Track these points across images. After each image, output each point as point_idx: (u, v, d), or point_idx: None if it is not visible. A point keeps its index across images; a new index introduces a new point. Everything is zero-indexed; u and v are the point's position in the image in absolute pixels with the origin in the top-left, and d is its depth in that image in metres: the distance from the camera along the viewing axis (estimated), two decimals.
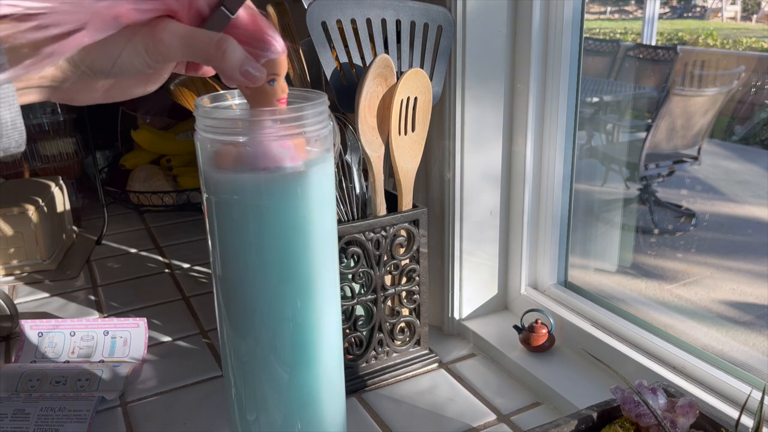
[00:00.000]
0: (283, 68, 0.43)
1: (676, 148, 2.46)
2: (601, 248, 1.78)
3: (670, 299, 1.79)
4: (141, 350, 0.84)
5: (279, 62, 0.42)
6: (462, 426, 0.70)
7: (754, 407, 0.55)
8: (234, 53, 0.39)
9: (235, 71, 0.40)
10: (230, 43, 0.39)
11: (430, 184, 0.86)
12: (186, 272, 1.11)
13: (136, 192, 1.34)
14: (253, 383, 0.51)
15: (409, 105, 0.72)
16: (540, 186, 0.84)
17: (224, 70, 0.40)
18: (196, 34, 0.38)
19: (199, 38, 0.38)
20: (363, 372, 0.77)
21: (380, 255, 0.73)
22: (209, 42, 0.38)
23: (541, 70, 0.80)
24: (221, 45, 0.39)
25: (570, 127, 0.81)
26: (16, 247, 1.10)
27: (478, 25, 0.77)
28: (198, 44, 0.38)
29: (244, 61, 0.40)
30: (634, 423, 0.53)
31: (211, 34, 0.39)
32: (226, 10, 0.39)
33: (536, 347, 0.79)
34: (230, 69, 0.40)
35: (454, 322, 0.87)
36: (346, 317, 0.74)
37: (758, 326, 1.65)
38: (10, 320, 0.89)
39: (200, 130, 0.47)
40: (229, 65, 0.39)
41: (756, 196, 2.44)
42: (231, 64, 0.39)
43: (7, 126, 0.36)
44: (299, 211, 0.47)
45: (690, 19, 3.85)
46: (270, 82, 0.43)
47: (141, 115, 1.46)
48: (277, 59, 0.42)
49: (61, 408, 0.72)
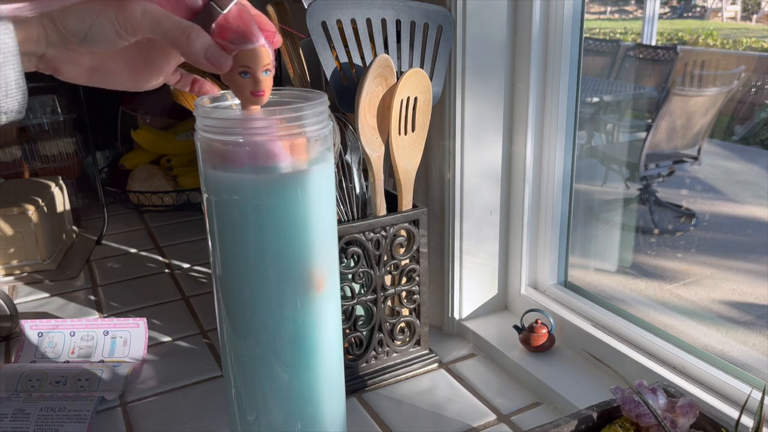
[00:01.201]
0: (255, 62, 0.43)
1: (676, 148, 2.46)
2: (601, 248, 1.78)
3: (670, 299, 1.79)
4: (141, 350, 0.84)
5: (252, 53, 0.43)
6: (462, 426, 0.70)
7: (754, 407, 0.55)
8: (198, 39, 0.42)
9: (199, 56, 0.42)
10: (195, 29, 0.42)
11: (430, 184, 0.86)
12: (186, 272, 1.11)
13: (136, 192, 1.34)
14: (253, 383, 0.51)
15: (409, 105, 0.72)
16: (540, 186, 0.84)
17: (189, 54, 0.42)
18: (166, 17, 0.41)
19: (168, 21, 0.41)
20: (363, 372, 0.77)
21: (380, 255, 0.73)
22: (177, 26, 0.41)
23: (541, 70, 0.80)
24: (187, 30, 0.41)
25: (570, 127, 0.81)
26: (16, 247, 1.10)
27: (478, 25, 0.77)
28: (166, 25, 0.41)
29: (208, 47, 0.42)
30: (634, 423, 0.53)
31: (179, 21, 0.42)
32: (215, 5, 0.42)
33: (536, 347, 0.79)
34: (195, 53, 0.42)
35: (454, 322, 0.87)
36: (346, 317, 0.74)
37: (758, 326, 1.65)
38: (10, 320, 0.89)
39: (200, 130, 0.47)
40: (193, 50, 0.42)
41: (756, 196, 2.44)
42: (195, 49, 0.42)
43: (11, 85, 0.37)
44: (299, 211, 0.47)
45: (690, 19, 3.85)
46: (242, 74, 0.43)
47: (141, 115, 1.46)
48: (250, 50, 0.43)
49: (61, 408, 0.72)
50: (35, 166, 1.40)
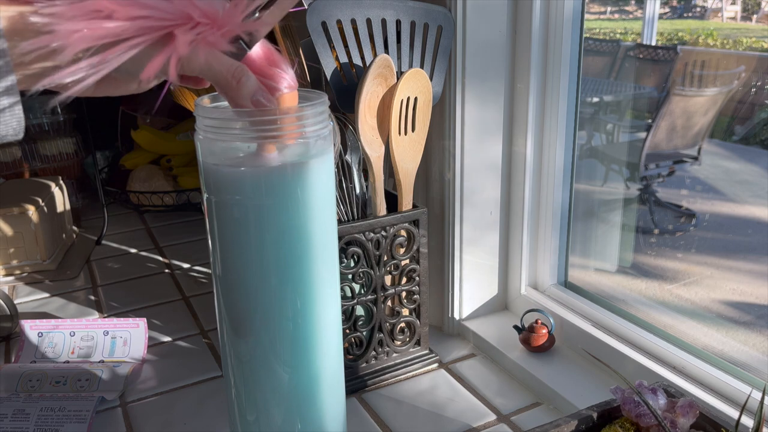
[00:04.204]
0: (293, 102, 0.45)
1: (677, 148, 2.46)
2: (601, 248, 1.78)
3: (670, 299, 1.79)
4: (141, 350, 0.84)
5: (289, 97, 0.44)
6: (462, 426, 0.70)
7: (754, 407, 0.55)
8: (248, 83, 0.42)
9: (246, 100, 0.42)
10: (246, 73, 0.41)
11: (430, 184, 0.86)
12: (186, 272, 1.11)
13: (136, 192, 1.34)
14: (253, 383, 0.51)
15: (409, 105, 0.72)
16: (540, 186, 0.84)
17: (236, 98, 0.42)
18: (219, 58, 0.40)
19: (220, 62, 0.41)
20: (363, 372, 0.77)
21: (380, 255, 0.73)
22: (228, 68, 0.41)
23: (541, 70, 0.80)
24: (238, 74, 0.41)
25: (570, 127, 0.81)
26: (16, 247, 1.10)
27: (478, 25, 0.77)
28: (218, 67, 0.41)
29: (257, 92, 0.42)
30: (634, 423, 0.53)
31: (231, 62, 0.41)
32: (244, 44, 0.41)
33: (536, 347, 0.79)
34: (242, 98, 0.42)
35: (454, 322, 0.87)
36: (346, 317, 0.74)
37: (758, 326, 1.65)
38: (10, 320, 0.89)
39: (200, 130, 0.47)
40: (242, 93, 0.42)
41: (756, 196, 2.44)
42: (244, 93, 0.42)
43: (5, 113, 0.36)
44: (299, 211, 0.47)
45: (690, 19, 3.85)
46: None
47: (141, 115, 1.46)
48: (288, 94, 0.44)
49: (61, 408, 0.72)
50: (35, 166, 1.40)
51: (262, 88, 0.42)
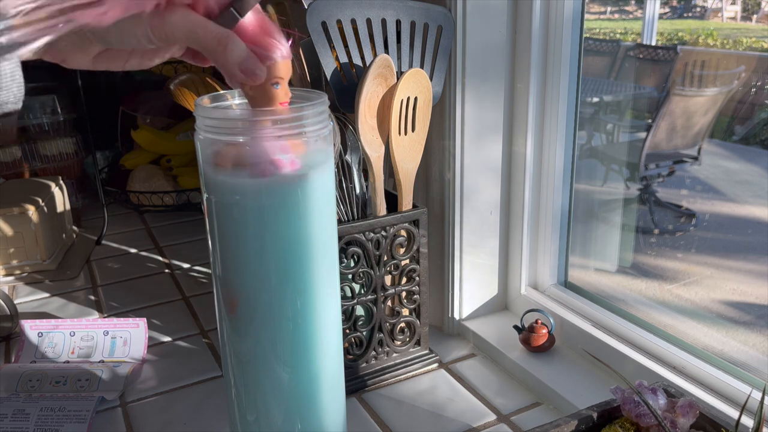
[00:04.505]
0: (287, 72, 0.43)
1: (677, 148, 2.46)
2: (601, 248, 1.78)
3: (670, 299, 1.79)
4: (141, 350, 0.84)
5: (283, 66, 0.43)
6: (462, 426, 0.70)
7: (754, 407, 0.55)
8: (235, 50, 0.40)
9: (235, 67, 0.40)
10: (233, 39, 0.40)
11: (430, 184, 0.86)
12: (186, 272, 1.11)
13: (136, 192, 1.34)
14: (253, 383, 0.51)
15: (409, 105, 0.72)
16: (540, 186, 0.84)
17: (224, 65, 0.40)
18: (204, 24, 0.39)
19: (205, 28, 0.39)
20: (363, 372, 0.77)
21: (380, 255, 0.73)
22: (214, 35, 0.39)
23: (541, 70, 0.80)
24: (224, 40, 0.40)
25: (570, 127, 0.81)
26: (16, 247, 1.10)
27: (478, 25, 0.77)
28: (203, 33, 0.39)
29: (246, 59, 0.41)
30: (634, 423, 0.53)
31: (218, 28, 0.39)
32: (235, 11, 0.40)
33: (536, 347, 0.79)
34: (230, 64, 0.40)
35: (454, 322, 0.87)
36: (346, 317, 0.74)
37: (758, 326, 1.65)
38: (10, 320, 0.89)
39: (200, 130, 0.47)
40: (230, 60, 0.40)
41: (756, 196, 2.44)
42: (232, 60, 0.40)
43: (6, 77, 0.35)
44: (299, 211, 0.47)
45: (690, 19, 3.85)
46: (274, 84, 0.43)
47: (141, 115, 1.46)
48: (281, 63, 0.42)
49: (61, 408, 0.72)
50: (35, 166, 1.40)
51: (251, 56, 0.41)
